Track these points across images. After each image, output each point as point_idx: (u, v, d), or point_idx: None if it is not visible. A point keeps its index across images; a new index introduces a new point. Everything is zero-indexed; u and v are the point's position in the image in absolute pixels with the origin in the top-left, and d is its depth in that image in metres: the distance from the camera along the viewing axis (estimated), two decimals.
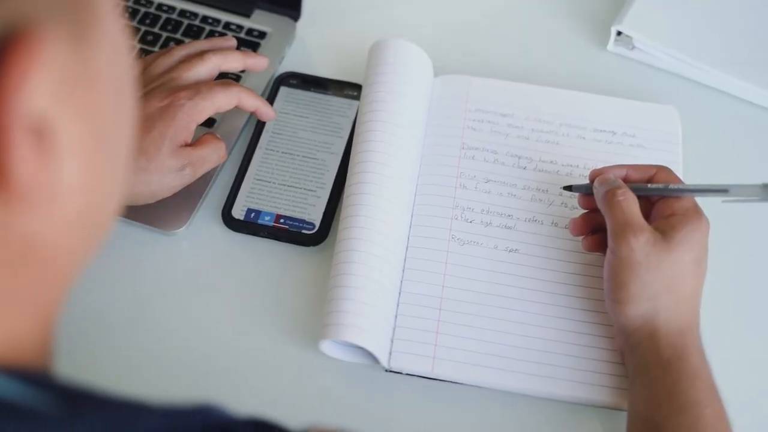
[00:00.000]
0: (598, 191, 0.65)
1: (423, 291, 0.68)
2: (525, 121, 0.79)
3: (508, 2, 0.91)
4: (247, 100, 0.72)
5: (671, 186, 0.64)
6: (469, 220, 0.73)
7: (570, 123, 0.79)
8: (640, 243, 0.61)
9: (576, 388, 0.65)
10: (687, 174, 0.77)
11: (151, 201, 0.69)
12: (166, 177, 0.68)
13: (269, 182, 0.75)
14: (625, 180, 0.66)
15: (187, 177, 0.69)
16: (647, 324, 0.61)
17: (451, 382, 0.65)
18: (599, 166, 0.75)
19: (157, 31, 0.85)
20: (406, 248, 0.71)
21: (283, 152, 0.77)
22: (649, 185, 0.65)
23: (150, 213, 0.72)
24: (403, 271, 0.69)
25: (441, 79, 0.81)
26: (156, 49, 0.84)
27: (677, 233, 0.62)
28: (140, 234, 0.72)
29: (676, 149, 0.77)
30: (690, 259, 0.62)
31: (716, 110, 0.82)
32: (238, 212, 0.73)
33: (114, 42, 0.35)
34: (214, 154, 0.70)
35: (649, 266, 0.61)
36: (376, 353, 0.64)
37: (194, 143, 0.70)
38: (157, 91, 0.69)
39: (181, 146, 0.68)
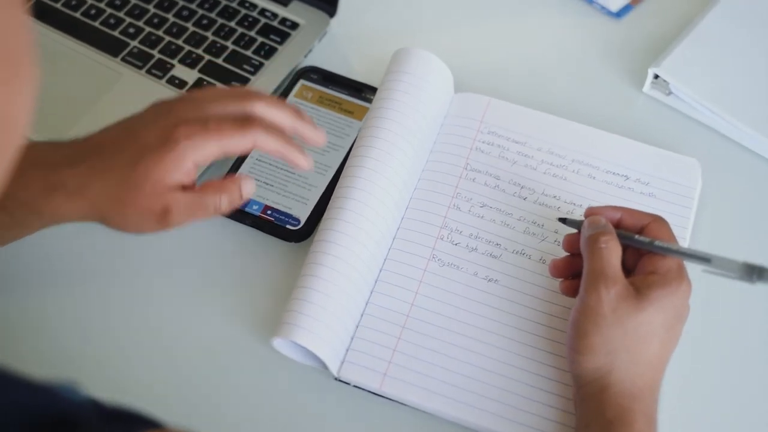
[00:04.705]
0: (584, 233, 0.63)
1: (390, 306, 0.67)
2: (536, 151, 0.76)
3: (548, 32, 0.88)
4: (267, 143, 0.60)
5: (657, 243, 0.61)
6: (454, 242, 0.71)
7: (583, 160, 0.76)
8: (610, 295, 0.58)
9: (523, 431, 0.62)
10: (696, 232, 0.73)
11: (135, 233, 0.61)
12: (143, 217, 0.59)
13: (265, 173, 0.74)
14: (618, 224, 0.63)
15: (167, 224, 0.59)
16: (600, 380, 0.58)
17: (398, 402, 0.64)
18: None
19: (194, 7, 0.85)
20: (384, 260, 0.69)
21: None
22: (636, 236, 0.62)
23: None
24: (376, 282, 0.68)
25: (460, 96, 0.79)
26: (189, 25, 0.84)
27: (651, 293, 0.59)
28: None
29: (689, 204, 0.74)
30: (659, 322, 0.59)
31: (743, 170, 0.78)
32: None
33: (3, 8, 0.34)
34: (209, 204, 0.60)
35: (614, 321, 0.58)
36: (326, 360, 0.63)
37: (198, 187, 0.60)
38: (167, 119, 0.59)
39: (171, 187, 0.58)
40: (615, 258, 0.61)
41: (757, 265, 0.57)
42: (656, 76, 0.81)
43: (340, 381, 0.65)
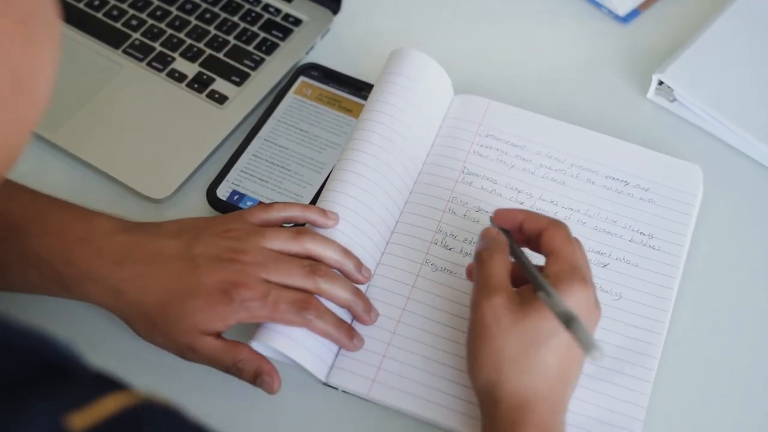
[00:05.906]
0: (477, 245, 0.61)
1: (381, 311, 0.66)
2: (535, 155, 0.75)
3: (555, 35, 0.87)
4: (317, 327, 0.61)
5: (521, 261, 0.59)
6: (448, 247, 0.70)
7: (582, 165, 0.75)
8: (492, 306, 0.56)
9: None
10: (696, 241, 0.72)
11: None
12: (164, 344, 0.61)
13: (260, 169, 0.74)
14: (520, 228, 0.61)
15: (184, 358, 0.61)
16: (491, 395, 0.56)
17: (390, 408, 0.63)
18: (601, 213, 0.72)
19: (198, 1, 0.85)
20: (377, 265, 0.69)
21: (281, 143, 0.76)
22: (513, 254, 0.60)
23: (137, 174, 0.73)
24: (368, 287, 0.67)
25: (460, 98, 0.78)
26: (191, 19, 0.83)
27: (534, 298, 0.56)
28: (120, 193, 0.73)
29: (690, 211, 0.73)
30: (549, 328, 0.55)
31: (746, 179, 0.77)
32: (222, 192, 0.73)
33: None
34: (227, 363, 0.60)
35: (498, 332, 0.56)
36: (309, 367, 0.62)
37: (232, 342, 0.61)
38: (233, 269, 0.60)
39: (205, 331, 0.59)
40: (499, 269, 0.58)
41: (567, 313, 0.53)
42: (661, 83, 0.80)
43: (329, 386, 0.64)
